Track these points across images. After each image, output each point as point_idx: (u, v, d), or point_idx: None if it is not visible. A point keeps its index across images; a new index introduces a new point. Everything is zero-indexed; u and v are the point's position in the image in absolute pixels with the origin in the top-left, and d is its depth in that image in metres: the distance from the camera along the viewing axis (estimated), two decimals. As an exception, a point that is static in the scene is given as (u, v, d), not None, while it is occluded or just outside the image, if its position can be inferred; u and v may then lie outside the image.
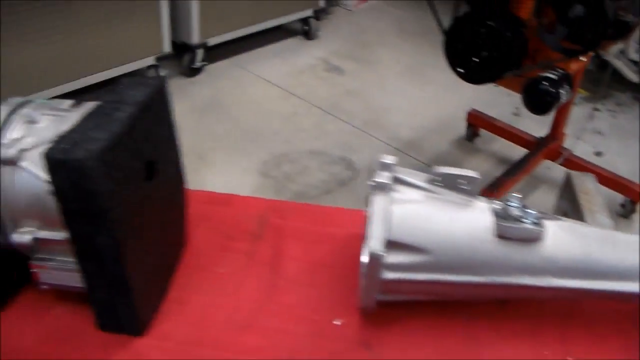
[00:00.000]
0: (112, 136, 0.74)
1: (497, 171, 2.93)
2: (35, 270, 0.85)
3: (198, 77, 3.41)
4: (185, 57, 3.34)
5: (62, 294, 0.88)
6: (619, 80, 3.48)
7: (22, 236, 0.81)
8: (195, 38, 3.26)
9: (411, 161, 2.96)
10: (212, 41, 3.36)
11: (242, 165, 2.79)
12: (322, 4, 3.87)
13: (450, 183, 0.90)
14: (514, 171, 2.66)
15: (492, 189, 2.51)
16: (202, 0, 3.19)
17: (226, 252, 1.00)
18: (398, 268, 0.86)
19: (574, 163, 2.81)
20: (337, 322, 0.90)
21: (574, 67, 1.97)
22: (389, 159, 0.89)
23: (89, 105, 0.84)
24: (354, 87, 3.47)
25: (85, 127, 0.76)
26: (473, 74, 1.90)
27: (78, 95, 2.90)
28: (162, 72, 3.21)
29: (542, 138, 2.91)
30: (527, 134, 2.96)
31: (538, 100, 1.83)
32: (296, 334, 0.88)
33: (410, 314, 0.92)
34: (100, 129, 0.75)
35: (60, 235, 0.81)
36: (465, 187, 0.91)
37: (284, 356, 0.84)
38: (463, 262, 0.87)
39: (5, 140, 0.80)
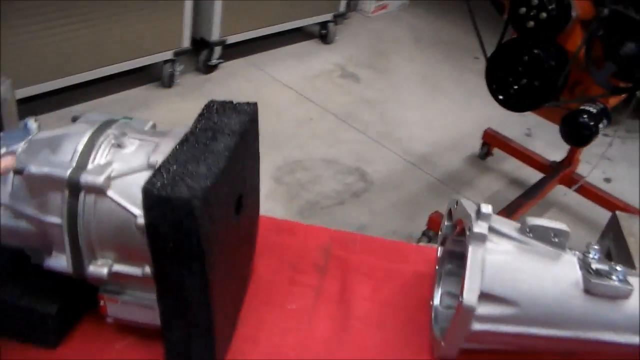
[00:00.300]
0: (213, 172, 0.69)
1: (508, 192, 2.92)
2: (104, 302, 0.80)
3: (213, 75, 3.35)
4: (202, 54, 3.28)
5: (125, 327, 0.84)
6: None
7: (99, 269, 0.76)
8: (215, 35, 3.20)
9: (425, 176, 2.93)
10: (231, 39, 3.31)
11: (257, 169, 2.74)
12: (342, 8, 3.83)
13: (540, 234, 0.87)
14: (530, 195, 2.65)
15: (508, 212, 2.49)
16: (224, -3, 3.15)
17: (294, 286, 0.96)
18: (486, 319, 0.82)
19: (587, 190, 2.80)
20: (411, 369, 0.87)
21: (612, 101, 1.95)
22: (486, 209, 0.85)
23: (176, 131, 0.79)
24: (370, 96, 3.43)
25: (182, 159, 0.71)
26: (513, 101, 1.87)
27: (94, 86, 2.85)
28: (178, 68, 3.15)
29: (555, 162, 2.89)
30: (541, 157, 2.95)
31: (577, 133, 1.81)
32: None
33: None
34: (200, 162, 0.70)
35: (138, 270, 0.76)
36: (555, 240, 0.88)
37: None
38: (550, 316, 0.84)
39: (91, 166, 0.74)
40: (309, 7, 3.62)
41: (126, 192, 0.73)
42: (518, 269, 0.84)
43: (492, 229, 0.86)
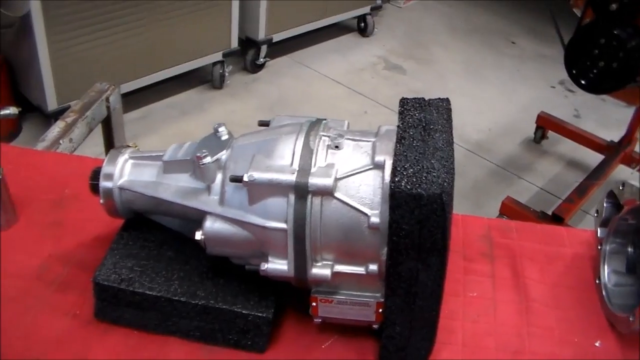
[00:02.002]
0: (448, 167, 0.72)
1: (568, 173, 2.94)
2: (316, 303, 0.81)
3: (261, 74, 3.37)
4: (249, 53, 3.30)
5: (326, 326, 0.85)
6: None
7: (322, 271, 0.77)
8: (261, 34, 3.23)
9: (484, 163, 2.95)
10: (277, 37, 3.33)
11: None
12: (379, 0, 3.84)
13: None
14: (595, 176, 2.67)
15: (579, 194, 2.51)
16: (270, -4, 3.17)
17: (469, 275, 0.98)
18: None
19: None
20: (598, 344, 0.90)
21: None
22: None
23: (382, 130, 0.81)
24: (417, 86, 3.45)
25: (411, 157, 0.73)
26: (595, 85, 1.89)
27: (145, 91, 2.87)
28: (228, 68, 3.17)
29: (614, 142, 2.91)
30: (598, 137, 2.96)
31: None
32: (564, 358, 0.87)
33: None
34: (430, 159, 0.73)
35: (361, 269, 0.78)
36: None
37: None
38: None
39: (314, 169, 0.76)
40: (348, 1, 3.64)
41: (353, 192, 0.75)
42: None
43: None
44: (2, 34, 2.45)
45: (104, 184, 0.87)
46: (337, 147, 0.78)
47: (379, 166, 0.75)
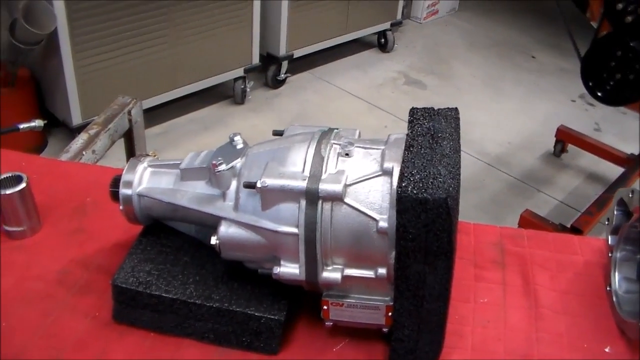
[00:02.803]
0: (455, 173, 0.74)
1: (588, 187, 2.93)
2: (327, 307, 0.83)
3: (282, 89, 3.42)
4: (270, 69, 3.35)
5: (337, 329, 0.87)
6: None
7: (332, 274, 0.79)
8: (282, 50, 3.27)
9: (503, 176, 2.95)
10: (297, 53, 3.38)
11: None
12: (398, 16, 3.88)
13: None
14: (615, 189, 2.65)
15: (598, 207, 2.50)
16: (291, 3, 3.21)
17: (480, 282, 1.00)
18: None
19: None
20: (607, 350, 0.90)
21: None
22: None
23: (392, 138, 0.84)
24: (437, 101, 3.47)
25: (419, 163, 0.75)
26: (612, 96, 1.89)
27: (168, 107, 2.92)
28: (249, 84, 3.22)
29: (634, 155, 2.89)
30: (618, 150, 2.95)
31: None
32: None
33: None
34: (437, 165, 0.75)
35: (370, 272, 0.80)
36: None
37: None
38: None
39: (325, 175, 0.79)
40: (368, 17, 3.69)
41: (362, 198, 0.77)
42: None
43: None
44: (29, 51, 2.52)
45: (123, 191, 0.91)
46: (347, 154, 0.81)
47: (388, 172, 0.77)
